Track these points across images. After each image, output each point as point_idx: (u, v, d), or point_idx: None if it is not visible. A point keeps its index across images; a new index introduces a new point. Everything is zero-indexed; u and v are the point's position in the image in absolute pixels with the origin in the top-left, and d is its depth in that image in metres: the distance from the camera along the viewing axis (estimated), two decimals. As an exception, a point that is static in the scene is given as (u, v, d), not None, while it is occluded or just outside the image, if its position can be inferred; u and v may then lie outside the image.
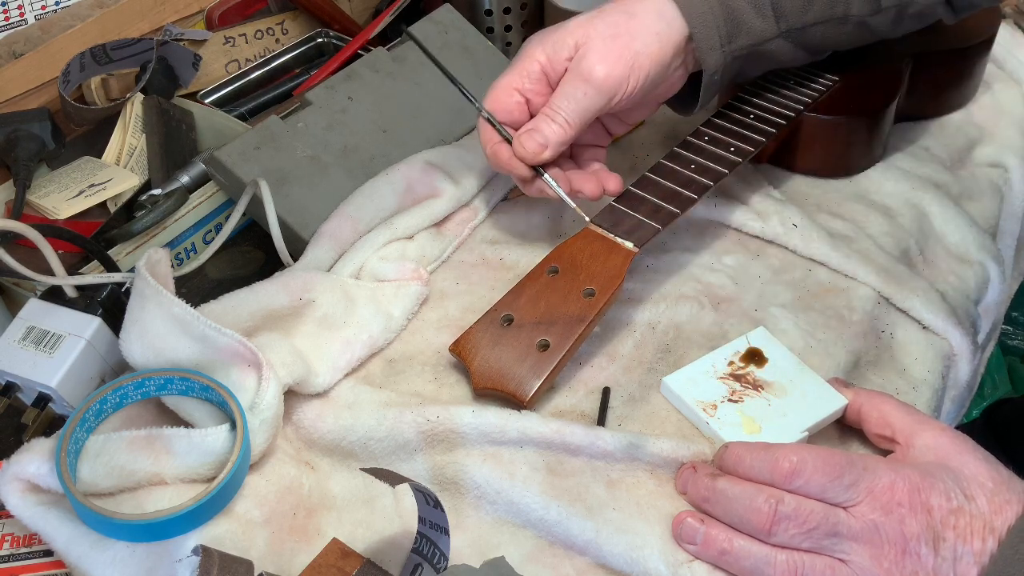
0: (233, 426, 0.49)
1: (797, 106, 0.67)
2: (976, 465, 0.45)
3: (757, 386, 0.53)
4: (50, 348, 0.53)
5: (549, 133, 0.58)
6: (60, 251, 0.58)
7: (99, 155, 0.72)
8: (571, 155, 0.65)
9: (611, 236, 0.58)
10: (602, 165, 0.64)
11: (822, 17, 0.61)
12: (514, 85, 0.59)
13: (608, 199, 0.61)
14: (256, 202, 0.63)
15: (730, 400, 0.53)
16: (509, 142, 0.59)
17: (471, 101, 0.61)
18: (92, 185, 0.68)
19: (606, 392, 0.55)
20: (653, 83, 0.59)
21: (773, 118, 0.66)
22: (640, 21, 0.58)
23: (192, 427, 0.50)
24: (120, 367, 0.56)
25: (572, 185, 0.61)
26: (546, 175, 0.60)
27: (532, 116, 0.60)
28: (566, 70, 0.58)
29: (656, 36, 0.58)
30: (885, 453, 0.50)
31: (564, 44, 0.58)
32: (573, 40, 0.58)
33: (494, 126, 0.60)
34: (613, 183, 0.61)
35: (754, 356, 0.55)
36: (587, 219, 0.58)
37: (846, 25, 0.62)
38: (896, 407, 0.50)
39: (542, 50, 0.59)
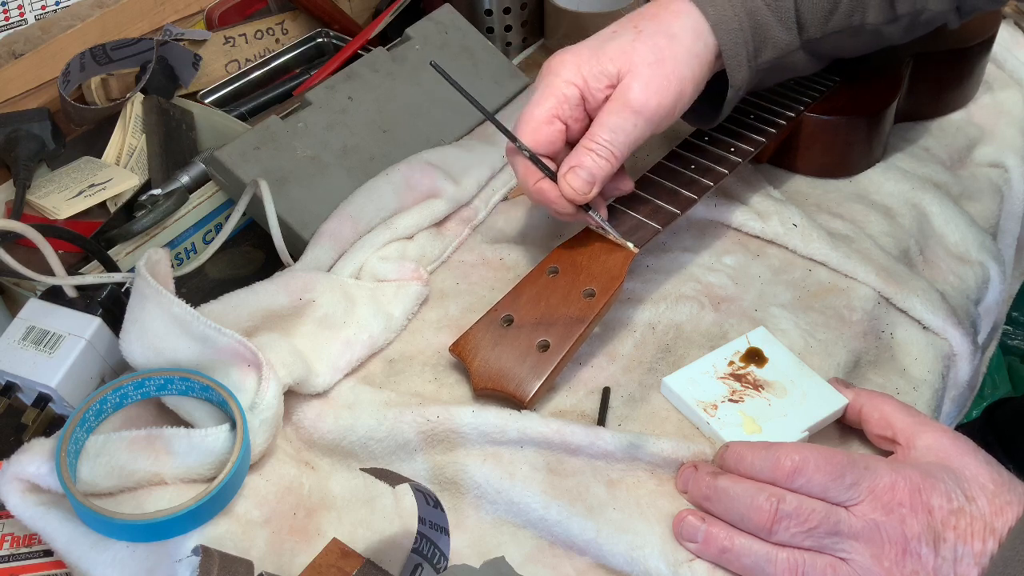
0: (233, 426, 0.49)
1: (797, 106, 0.67)
2: (977, 467, 0.45)
3: (757, 386, 0.53)
4: (50, 348, 0.53)
5: (596, 170, 0.54)
6: (60, 251, 0.58)
7: (99, 155, 0.72)
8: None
9: (612, 236, 0.58)
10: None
11: (840, 27, 0.60)
12: (553, 113, 0.55)
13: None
14: (256, 202, 0.63)
15: (730, 400, 0.53)
16: (552, 177, 0.55)
17: (509, 136, 0.56)
18: (92, 185, 0.68)
19: (606, 392, 0.55)
20: (690, 104, 0.57)
21: (773, 118, 0.66)
22: (681, 43, 0.55)
23: (192, 427, 0.50)
24: (120, 367, 0.56)
25: (606, 193, 0.59)
26: (593, 213, 0.56)
27: (568, 144, 0.57)
28: (606, 98, 0.55)
29: (696, 58, 0.56)
30: (885, 454, 0.50)
31: (604, 71, 0.55)
32: (615, 67, 0.55)
33: (536, 163, 0.55)
34: (627, 185, 0.59)
35: (754, 356, 0.55)
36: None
37: (861, 34, 0.62)
38: (897, 408, 0.50)
39: (578, 73, 0.55)
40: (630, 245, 0.56)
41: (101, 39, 0.75)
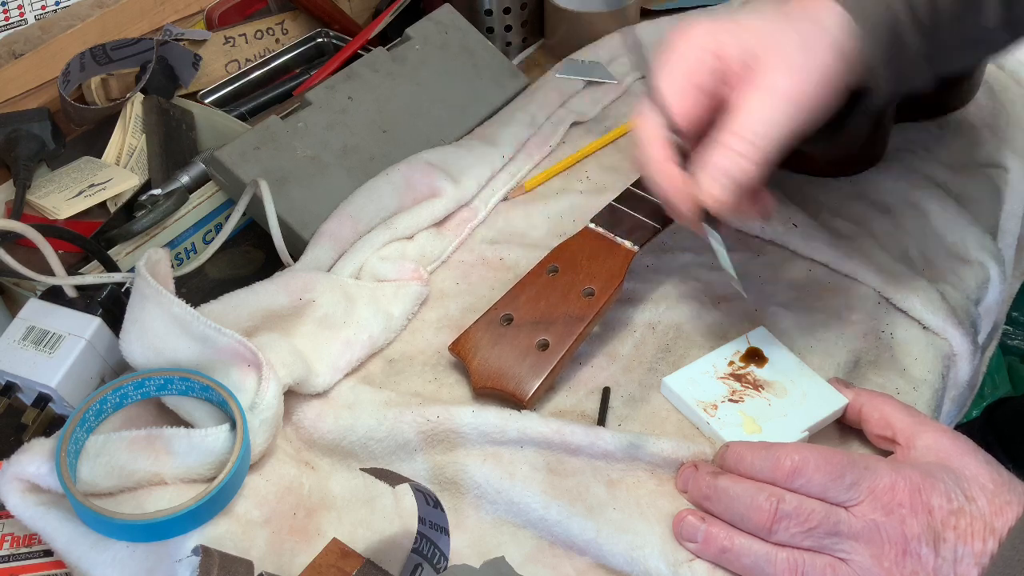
0: (233, 426, 0.49)
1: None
2: (977, 467, 0.45)
3: (757, 386, 0.53)
4: (50, 348, 0.53)
5: (740, 174, 0.44)
6: (60, 251, 0.58)
7: (99, 155, 0.72)
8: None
9: (611, 236, 0.58)
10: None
11: (963, 29, 0.52)
12: (694, 81, 0.46)
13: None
14: (256, 202, 0.63)
15: (730, 400, 0.53)
16: (682, 163, 0.46)
17: (652, 102, 0.45)
18: (92, 185, 0.68)
19: (606, 392, 0.55)
20: (831, 107, 0.48)
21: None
22: (833, 36, 0.47)
23: (192, 427, 0.50)
24: (120, 367, 0.56)
25: (742, 209, 0.49)
26: (715, 237, 0.48)
27: (705, 129, 0.48)
28: (740, 80, 0.46)
29: (845, 56, 0.47)
30: (885, 454, 0.50)
31: (744, 45, 0.46)
32: (756, 42, 0.46)
33: (680, 147, 0.45)
34: (768, 201, 0.50)
35: (754, 356, 0.55)
36: (744, 294, 0.51)
37: (974, 39, 0.54)
38: (897, 408, 0.50)
39: (714, 40, 0.46)
40: (739, 289, 0.49)
41: (101, 39, 0.75)
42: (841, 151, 0.63)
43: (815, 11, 0.48)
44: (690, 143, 0.47)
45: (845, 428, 0.53)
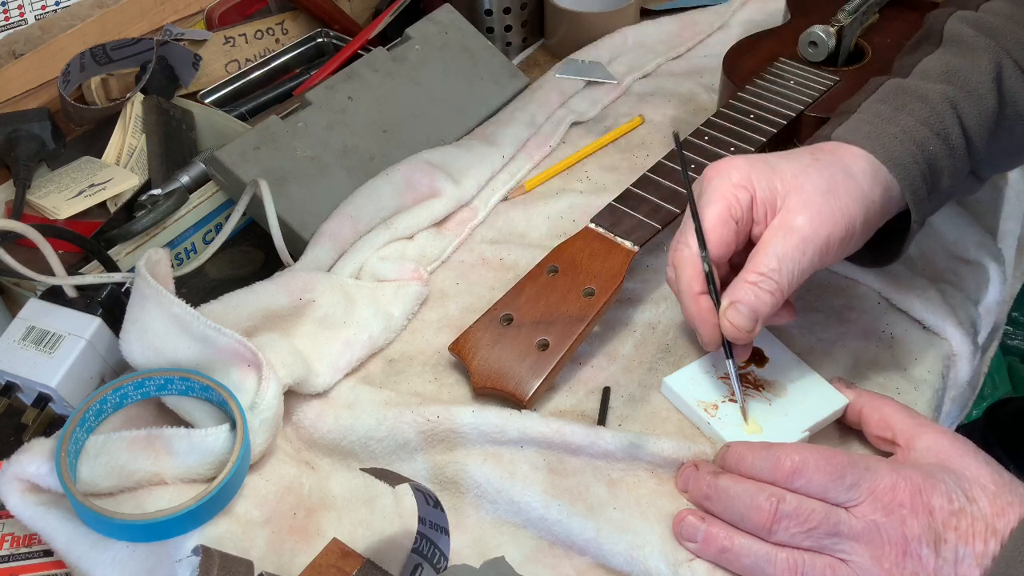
0: (233, 426, 0.49)
1: (797, 106, 0.67)
2: (978, 468, 0.45)
3: (758, 385, 0.53)
4: (50, 348, 0.53)
5: (760, 306, 0.48)
6: (60, 251, 0.58)
7: (99, 155, 0.72)
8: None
9: (611, 236, 0.58)
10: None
11: (1003, 143, 0.56)
12: (729, 214, 0.50)
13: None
14: (256, 202, 0.63)
15: (731, 400, 0.53)
16: (715, 299, 0.50)
17: (701, 244, 0.50)
18: (92, 185, 0.68)
19: (606, 392, 0.55)
20: (856, 247, 0.52)
21: (773, 118, 0.66)
22: (857, 183, 0.50)
23: (192, 427, 0.50)
24: (120, 367, 0.56)
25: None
26: (731, 364, 0.51)
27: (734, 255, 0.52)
28: (766, 219, 0.50)
29: (872, 203, 0.51)
30: (885, 455, 0.50)
31: (772, 186, 0.50)
32: (783, 187, 0.50)
33: (710, 281, 0.50)
34: (789, 314, 0.53)
35: (755, 356, 0.55)
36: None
37: (1015, 137, 0.56)
38: (897, 409, 0.50)
39: (750, 180, 0.50)
40: (745, 409, 0.52)
41: (101, 39, 0.75)
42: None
43: (844, 159, 0.52)
44: (719, 268, 0.52)
45: (845, 428, 0.53)
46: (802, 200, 0.49)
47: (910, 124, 0.53)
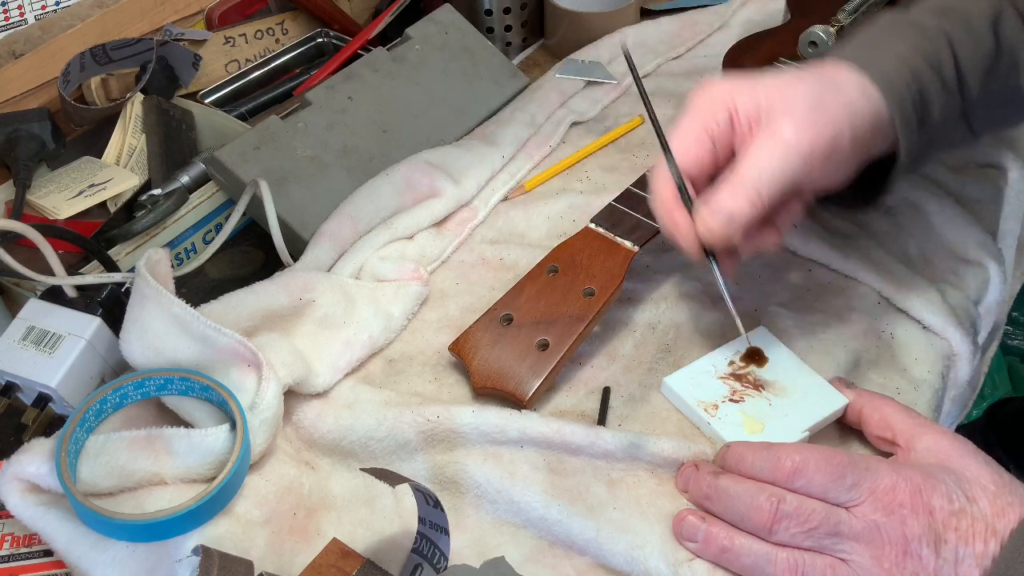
0: (233, 426, 0.49)
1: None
2: (978, 468, 0.45)
3: (758, 386, 0.53)
4: (50, 348, 0.53)
5: (738, 211, 0.48)
6: (60, 251, 0.58)
7: (99, 155, 0.72)
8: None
9: (611, 236, 0.58)
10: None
11: (999, 86, 0.54)
12: (705, 130, 0.50)
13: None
14: (256, 202, 0.63)
15: (731, 400, 0.53)
16: (688, 207, 0.50)
17: (667, 152, 0.51)
18: (92, 185, 0.68)
19: (606, 392, 0.55)
20: (846, 167, 0.51)
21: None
22: (846, 95, 0.49)
23: (192, 427, 0.50)
24: (120, 367, 0.56)
25: (746, 245, 0.53)
26: (715, 267, 0.52)
27: (712, 173, 0.52)
28: (751, 132, 0.50)
29: (860, 117, 0.50)
30: (885, 455, 0.50)
31: (758, 101, 0.50)
32: (768, 100, 0.49)
33: (682, 191, 0.50)
34: (774, 238, 0.53)
35: (755, 356, 0.55)
36: (748, 340, 0.54)
37: (1018, 100, 0.56)
38: (897, 410, 0.50)
39: (731, 96, 0.50)
40: (747, 340, 0.53)
41: (101, 39, 0.75)
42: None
43: (834, 75, 0.51)
44: (698, 188, 0.52)
45: (845, 428, 0.53)
46: (786, 111, 0.49)
47: (904, 50, 0.52)
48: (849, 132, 0.49)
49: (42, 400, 0.53)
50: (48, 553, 0.50)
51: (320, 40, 0.87)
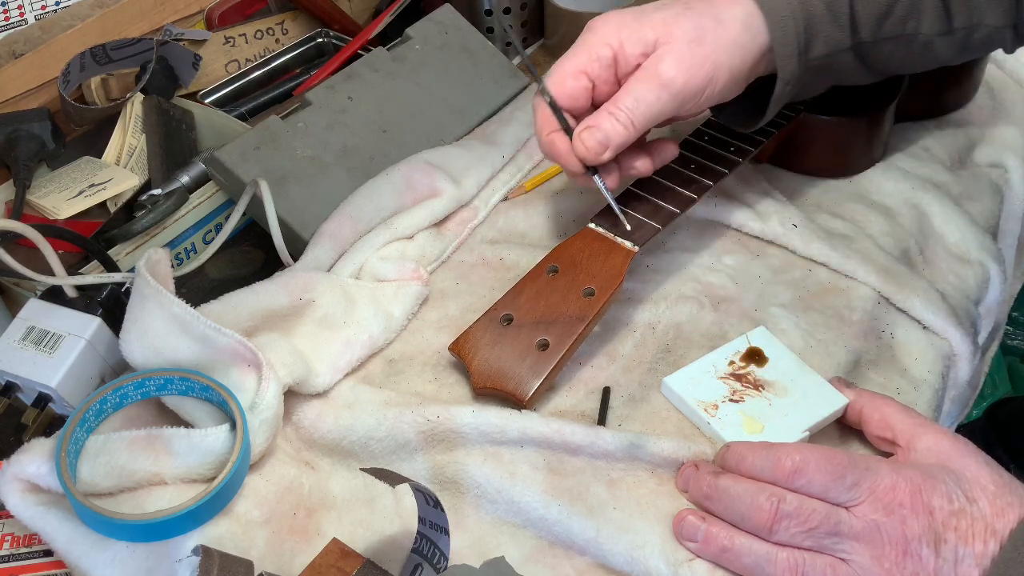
0: (233, 426, 0.49)
1: (797, 106, 0.67)
2: (978, 468, 0.45)
3: (758, 386, 0.53)
4: (50, 348, 0.53)
5: (613, 134, 0.53)
6: (60, 251, 0.58)
7: (99, 155, 0.72)
8: None
9: (611, 236, 0.58)
10: (652, 136, 0.60)
11: (894, 32, 0.58)
12: (583, 68, 0.55)
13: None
14: (256, 202, 0.63)
15: (731, 400, 0.53)
16: (568, 133, 0.55)
17: (535, 79, 0.56)
18: (92, 185, 0.68)
19: (606, 392, 0.55)
20: (723, 96, 0.56)
21: (773, 118, 0.66)
22: (727, 29, 0.54)
23: (192, 427, 0.50)
24: (120, 367, 0.56)
25: (623, 168, 0.58)
26: (597, 178, 0.56)
27: (594, 104, 0.56)
28: (638, 65, 0.54)
29: (740, 49, 0.54)
30: (885, 456, 0.50)
31: (642, 37, 0.54)
32: (653, 35, 0.54)
33: (556, 113, 0.55)
34: (670, 149, 0.58)
35: (754, 356, 0.55)
36: (627, 225, 0.57)
37: (914, 44, 0.59)
38: (898, 410, 0.50)
39: (616, 35, 0.54)
40: (621, 217, 0.57)
41: (101, 39, 0.75)
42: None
43: (720, 6, 0.55)
44: (576, 117, 0.56)
45: (845, 428, 0.53)
46: (668, 47, 0.53)
47: None
48: (727, 67, 0.54)
49: (42, 400, 0.53)
50: (48, 553, 0.50)
51: (320, 40, 0.87)
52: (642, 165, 0.58)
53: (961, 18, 0.59)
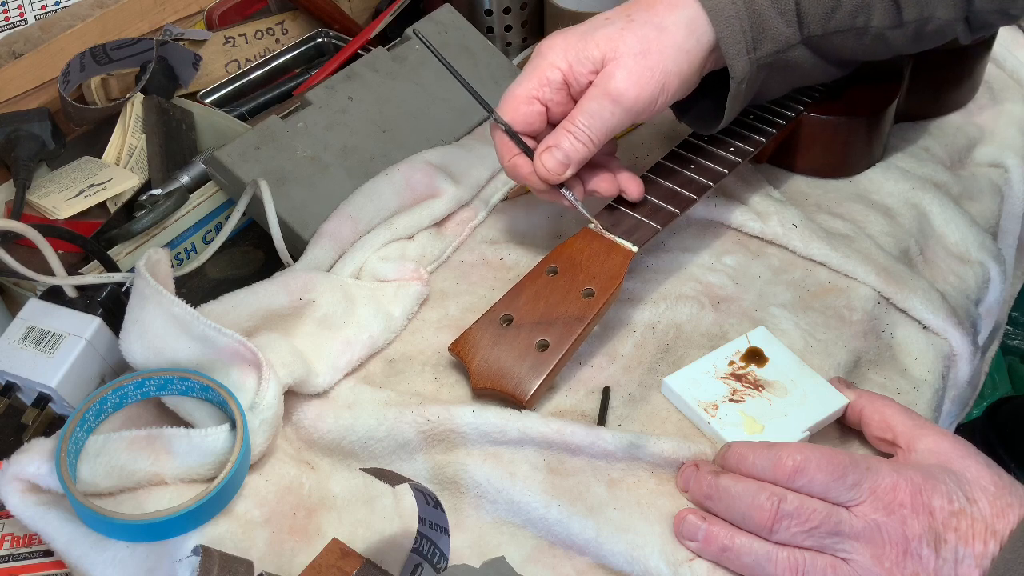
0: (233, 426, 0.49)
1: (797, 106, 0.67)
2: (978, 469, 0.45)
3: (758, 386, 0.53)
4: (50, 348, 0.53)
5: (571, 151, 0.55)
6: (60, 251, 0.58)
7: (99, 155, 0.72)
8: None
9: (611, 236, 0.58)
10: (618, 161, 0.62)
11: (843, 26, 0.59)
12: (533, 94, 0.57)
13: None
14: (256, 202, 0.63)
15: (731, 400, 0.53)
16: (529, 155, 0.57)
17: (487, 110, 0.58)
18: (92, 185, 0.68)
19: (606, 392, 0.55)
20: (677, 97, 0.57)
21: (773, 118, 0.66)
22: (671, 36, 0.55)
23: (192, 427, 0.50)
24: (120, 367, 0.56)
25: (587, 185, 0.59)
26: (565, 190, 0.58)
27: (551, 125, 0.58)
28: (590, 83, 0.56)
29: (686, 54, 0.56)
30: (885, 456, 0.50)
31: (589, 56, 0.55)
32: (600, 53, 0.55)
33: (514, 138, 0.57)
34: (635, 188, 0.59)
35: (755, 356, 0.55)
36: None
37: (865, 37, 0.61)
38: (898, 411, 0.50)
39: (564, 57, 0.56)
40: (595, 224, 0.58)
41: (101, 39, 0.75)
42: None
43: (662, 14, 0.56)
44: (533, 139, 0.58)
45: (845, 429, 0.53)
46: (615, 63, 0.55)
47: None
48: (675, 73, 0.55)
49: (42, 400, 0.53)
50: (48, 553, 0.50)
51: (320, 40, 0.87)
52: (603, 184, 0.59)
53: (911, 11, 0.60)
